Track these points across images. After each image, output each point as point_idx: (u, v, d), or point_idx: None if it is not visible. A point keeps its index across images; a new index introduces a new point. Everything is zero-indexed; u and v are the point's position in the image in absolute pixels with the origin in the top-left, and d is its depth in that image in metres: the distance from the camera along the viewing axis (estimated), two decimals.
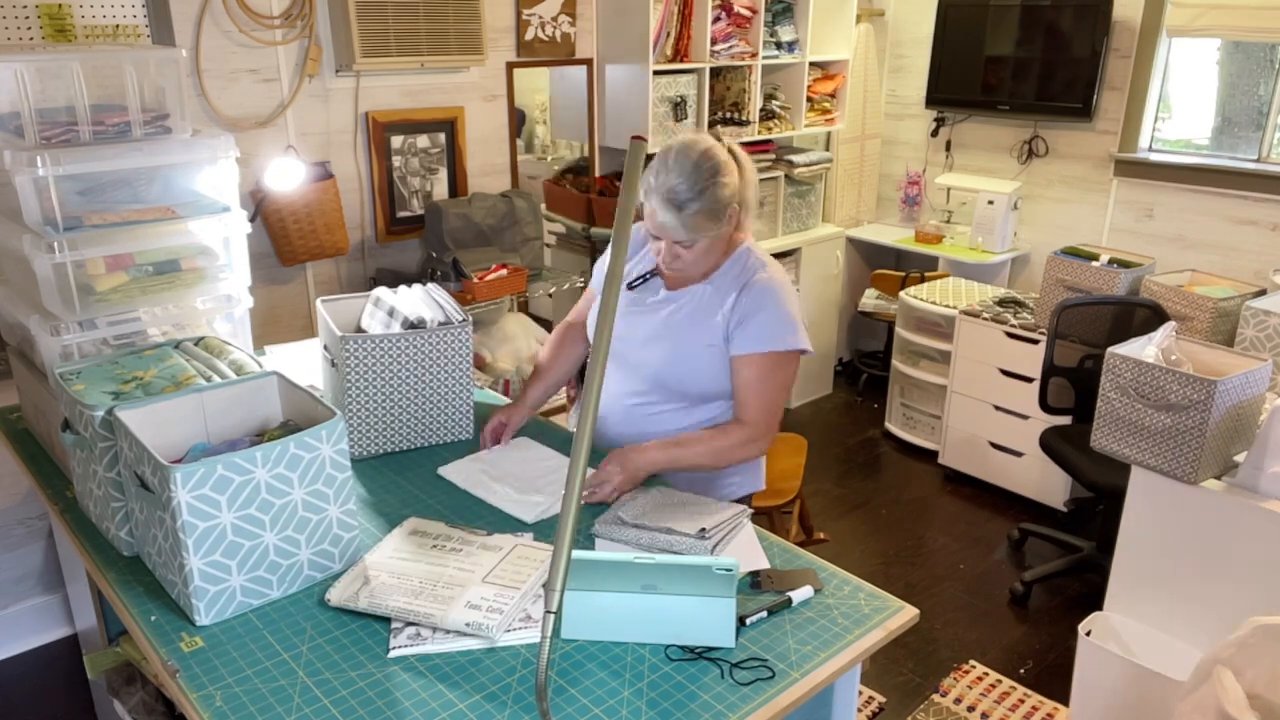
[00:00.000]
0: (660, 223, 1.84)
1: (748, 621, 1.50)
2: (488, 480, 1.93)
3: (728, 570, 1.40)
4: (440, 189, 3.50)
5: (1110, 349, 2.40)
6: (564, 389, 3.65)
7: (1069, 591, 3.28)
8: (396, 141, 3.34)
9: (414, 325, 2.02)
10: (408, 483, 1.93)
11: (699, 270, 1.94)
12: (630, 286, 2.02)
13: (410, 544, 1.66)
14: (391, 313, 2.10)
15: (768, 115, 4.29)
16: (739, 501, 2.06)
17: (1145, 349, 2.39)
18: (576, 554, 1.38)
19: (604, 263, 2.14)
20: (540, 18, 3.61)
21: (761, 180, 4.31)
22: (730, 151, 1.90)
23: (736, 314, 1.90)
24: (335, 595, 1.52)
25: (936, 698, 2.75)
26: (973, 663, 2.89)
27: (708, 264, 1.94)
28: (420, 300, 2.16)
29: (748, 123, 4.12)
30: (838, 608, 1.55)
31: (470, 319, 2.07)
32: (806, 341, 1.92)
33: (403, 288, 2.24)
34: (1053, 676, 2.84)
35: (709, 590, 1.44)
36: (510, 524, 1.78)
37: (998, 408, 3.84)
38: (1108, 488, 2.94)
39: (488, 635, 1.43)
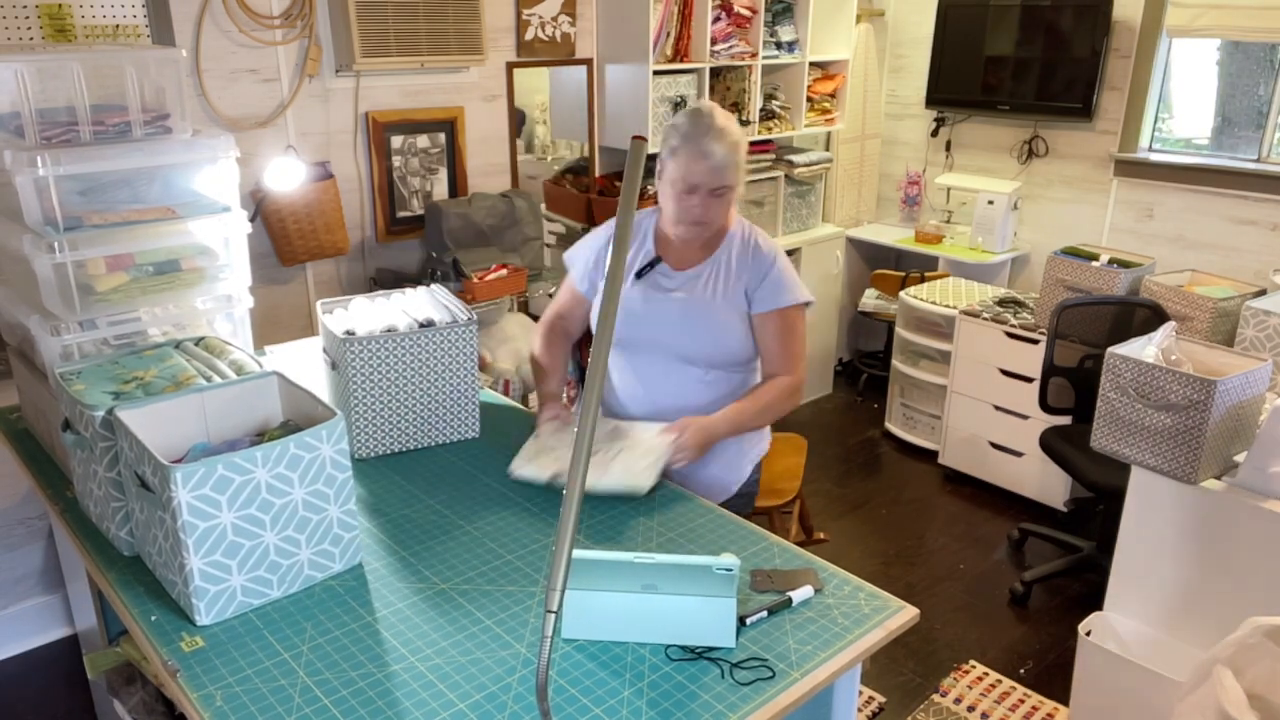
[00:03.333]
0: (710, 164, 1.91)
1: (748, 621, 1.50)
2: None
3: (728, 570, 1.40)
4: (440, 189, 3.50)
5: (1110, 349, 2.40)
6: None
7: (1069, 591, 3.28)
8: (396, 141, 3.34)
9: (424, 326, 2.03)
10: (408, 482, 1.93)
11: (716, 224, 2.02)
12: (639, 276, 2.08)
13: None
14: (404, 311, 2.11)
15: (768, 115, 4.29)
16: (746, 485, 2.19)
17: (1145, 349, 2.39)
18: (577, 554, 1.38)
19: (578, 254, 2.19)
20: (540, 18, 3.61)
21: (762, 180, 4.32)
22: None
23: (754, 277, 2.03)
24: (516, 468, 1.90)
25: (936, 698, 2.75)
26: (973, 663, 2.90)
27: (722, 220, 2.03)
28: (426, 302, 2.17)
29: (748, 123, 4.12)
30: (838, 608, 1.55)
31: (475, 318, 2.07)
32: (808, 292, 2.07)
33: (408, 289, 2.24)
34: (1053, 676, 2.84)
35: (709, 590, 1.44)
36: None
37: (998, 408, 3.84)
38: (1108, 488, 2.94)
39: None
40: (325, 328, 2.07)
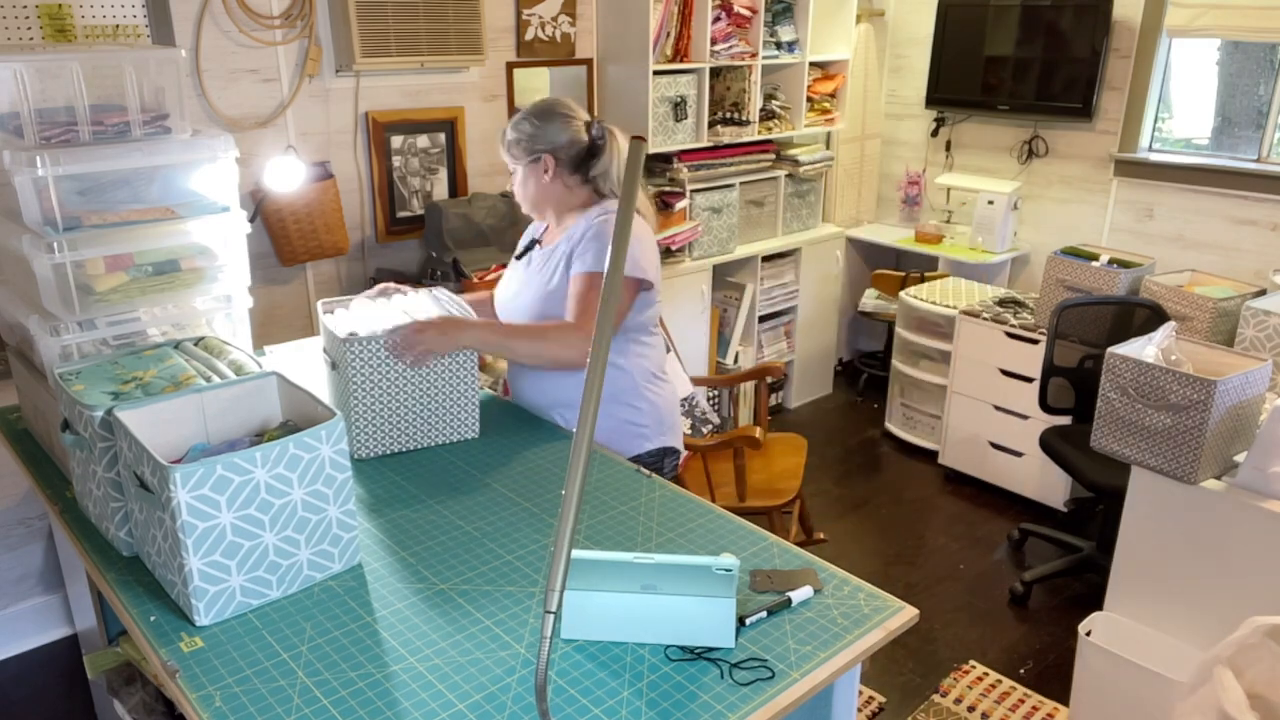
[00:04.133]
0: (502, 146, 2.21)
1: (748, 621, 1.50)
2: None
3: (728, 570, 1.40)
4: (440, 189, 3.50)
5: (1110, 349, 2.40)
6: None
7: (1069, 591, 3.28)
8: (396, 141, 3.34)
9: None
10: (408, 482, 1.93)
11: (528, 200, 2.21)
12: (517, 258, 2.31)
13: None
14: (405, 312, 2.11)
15: (768, 115, 4.28)
16: (655, 452, 2.22)
17: (1145, 349, 2.39)
18: (576, 554, 1.38)
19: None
20: (540, 18, 3.61)
21: (762, 180, 4.32)
22: (603, 131, 2.16)
23: (578, 245, 2.13)
24: None
25: (936, 698, 2.75)
26: (973, 663, 2.89)
27: (533, 197, 2.20)
28: (427, 302, 2.16)
29: (748, 123, 4.11)
30: (838, 608, 1.55)
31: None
32: (642, 271, 2.09)
33: (410, 290, 2.24)
34: (1053, 676, 2.84)
35: (709, 590, 1.44)
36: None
37: (998, 408, 3.84)
38: (1108, 488, 2.94)
39: None
40: (325, 328, 2.07)
